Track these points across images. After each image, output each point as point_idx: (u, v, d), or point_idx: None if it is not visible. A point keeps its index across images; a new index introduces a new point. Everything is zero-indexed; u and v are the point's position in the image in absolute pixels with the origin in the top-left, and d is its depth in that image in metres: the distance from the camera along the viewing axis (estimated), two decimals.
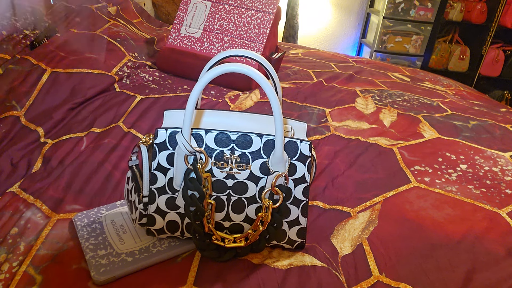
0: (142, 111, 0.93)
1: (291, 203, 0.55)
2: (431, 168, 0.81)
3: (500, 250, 0.60)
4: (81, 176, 0.71)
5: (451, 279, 0.54)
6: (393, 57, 2.73)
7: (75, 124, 0.88)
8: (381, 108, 1.10)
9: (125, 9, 1.54)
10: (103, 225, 0.59)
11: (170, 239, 0.57)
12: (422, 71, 1.72)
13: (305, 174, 0.54)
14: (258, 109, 1.02)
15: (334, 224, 0.64)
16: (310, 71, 1.40)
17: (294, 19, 2.61)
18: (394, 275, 0.55)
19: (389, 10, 2.60)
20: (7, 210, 0.62)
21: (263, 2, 1.18)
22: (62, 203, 0.65)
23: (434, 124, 1.02)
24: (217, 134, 0.53)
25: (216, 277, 0.52)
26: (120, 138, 0.83)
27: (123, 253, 0.54)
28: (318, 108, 1.07)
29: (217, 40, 1.19)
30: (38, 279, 0.51)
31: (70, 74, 0.98)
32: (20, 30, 1.05)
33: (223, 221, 0.55)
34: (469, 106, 1.24)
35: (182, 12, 1.24)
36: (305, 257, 0.57)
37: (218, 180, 0.53)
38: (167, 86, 1.10)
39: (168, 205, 0.54)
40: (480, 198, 0.72)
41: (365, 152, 0.85)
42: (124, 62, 1.12)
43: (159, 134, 0.53)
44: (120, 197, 0.68)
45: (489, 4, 2.68)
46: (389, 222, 0.65)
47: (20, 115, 0.87)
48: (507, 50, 2.80)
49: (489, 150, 0.90)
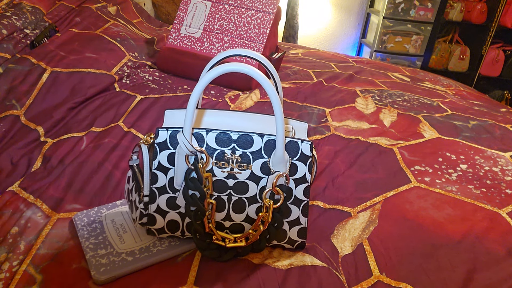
0: (142, 111, 0.93)
1: (291, 203, 0.55)
2: (431, 168, 0.81)
3: (501, 250, 0.60)
4: (81, 176, 0.71)
5: (452, 279, 0.54)
6: (393, 57, 2.73)
7: (75, 124, 0.88)
8: (381, 108, 1.10)
9: (125, 9, 1.54)
10: (103, 225, 0.59)
11: (171, 238, 0.57)
12: (422, 71, 1.72)
13: (306, 174, 0.54)
14: (258, 109, 1.02)
15: (335, 224, 0.64)
16: (310, 71, 1.40)
17: (294, 19, 2.61)
18: (395, 275, 0.55)
19: (389, 10, 2.60)
20: (7, 209, 0.62)
21: (263, 2, 1.18)
22: (62, 202, 0.65)
23: (434, 124, 1.02)
24: (218, 133, 0.53)
25: (217, 277, 0.52)
26: (120, 137, 0.83)
27: (124, 252, 0.54)
28: (318, 108, 1.07)
29: (217, 40, 1.19)
30: (38, 278, 0.51)
31: (70, 73, 0.98)
32: (21, 29, 1.05)
33: (223, 221, 0.55)
34: (469, 106, 1.24)
35: (182, 12, 1.23)
36: (306, 257, 0.57)
37: (219, 179, 0.53)
38: (167, 86, 1.10)
39: (168, 204, 0.54)
40: (480, 198, 0.72)
41: (365, 152, 0.85)
42: (124, 62, 1.12)
43: (160, 134, 0.53)
44: (121, 196, 0.68)
45: (489, 4, 2.68)
46: (389, 222, 0.65)
47: (20, 114, 0.87)
48: (507, 50, 2.80)
49: (489, 150, 0.90)
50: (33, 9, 1.13)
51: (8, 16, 1.04)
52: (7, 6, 1.08)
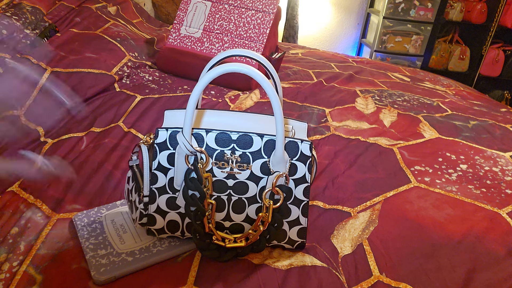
0: (142, 111, 0.93)
1: (291, 203, 0.55)
2: (431, 168, 0.81)
3: (501, 250, 0.60)
4: (81, 176, 0.71)
5: (452, 279, 0.54)
6: (393, 57, 2.73)
7: (75, 124, 0.88)
8: (381, 108, 1.10)
9: (125, 9, 1.54)
10: (103, 225, 0.59)
11: (171, 239, 0.57)
12: (422, 71, 1.72)
13: (305, 174, 0.54)
14: (258, 109, 1.02)
15: (335, 224, 0.64)
16: (310, 71, 1.40)
17: (294, 19, 2.61)
18: (395, 275, 0.55)
19: (389, 10, 2.60)
20: (7, 210, 0.62)
21: (263, 2, 1.18)
22: (62, 202, 0.65)
23: (434, 124, 1.02)
24: (217, 134, 0.53)
25: (217, 277, 0.52)
26: (120, 138, 0.83)
27: (123, 252, 0.54)
28: (318, 108, 1.07)
29: (217, 40, 1.19)
30: (38, 278, 0.51)
31: (70, 73, 0.98)
32: (21, 29, 1.05)
33: (223, 221, 0.55)
34: (469, 106, 1.24)
35: (182, 12, 1.23)
36: (306, 257, 0.57)
37: (219, 180, 0.53)
38: (167, 86, 1.10)
39: (168, 205, 0.54)
40: (480, 198, 0.72)
41: (365, 152, 0.85)
42: (124, 62, 1.12)
43: (160, 134, 0.53)
44: (120, 196, 0.68)
45: (489, 4, 2.68)
46: (389, 222, 0.65)
47: (20, 114, 0.87)
48: (507, 50, 2.80)
49: (489, 150, 0.90)
50: (33, 9, 1.13)
51: (8, 16, 1.04)
52: (7, 6, 1.08)
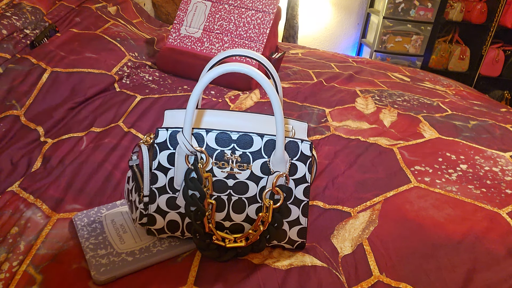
0: (142, 111, 0.93)
1: (291, 203, 0.55)
2: (431, 168, 0.81)
3: (501, 250, 0.60)
4: (81, 176, 0.71)
5: (452, 279, 0.54)
6: (393, 57, 2.73)
7: (75, 124, 0.88)
8: (381, 108, 1.10)
9: (125, 9, 1.54)
10: (103, 225, 0.59)
11: (171, 239, 0.57)
12: (422, 71, 1.72)
13: (305, 174, 0.54)
14: (258, 109, 1.02)
15: (335, 224, 0.64)
16: (310, 71, 1.40)
17: (294, 19, 2.61)
18: (395, 275, 0.55)
19: (389, 10, 2.60)
20: (7, 209, 0.62)
21: (263, 2, 1.18)
22: (62, 202, 0.65)
23: (434, 124, 1.02)
24: (218, 134, 0.53)
25: (217, 277, 0.52)
26: (120, 137, 0.83)
27: (123, 252, 0.54)
28: (318, 108, 1.07)
29: (217, 40, 1.19)
30: (38, 278, 0.51)
31: (70, 73, 0.98)
32: (21, 29, 1.05)
33: (223, 221, 0.55)
34: (469, 106, 1.24)
35: (182, 12, 1.23)
36: (306, 257, 0.57)
37: (219, 180, 0.53)
38: (167, 86, 1.10)
39: (168, 205, 0.54)
40: (480, 198, 0.72)
41: (365, 152, 0.85)
42: (124, 62, 1.12)
43: (160, 134, 0.53)
44: (120, 196, 0.68)
45: (489, 4, 2.68)
46: (389, 222, 0.65)
47: (20, 114, 0.87)
48: (507, 50, 2.80)
49: (489, 150, 0.90)
50: (33, 9, 1.13)
51: (8, 16, 1.04)
52: (7, 6, 1.08)
